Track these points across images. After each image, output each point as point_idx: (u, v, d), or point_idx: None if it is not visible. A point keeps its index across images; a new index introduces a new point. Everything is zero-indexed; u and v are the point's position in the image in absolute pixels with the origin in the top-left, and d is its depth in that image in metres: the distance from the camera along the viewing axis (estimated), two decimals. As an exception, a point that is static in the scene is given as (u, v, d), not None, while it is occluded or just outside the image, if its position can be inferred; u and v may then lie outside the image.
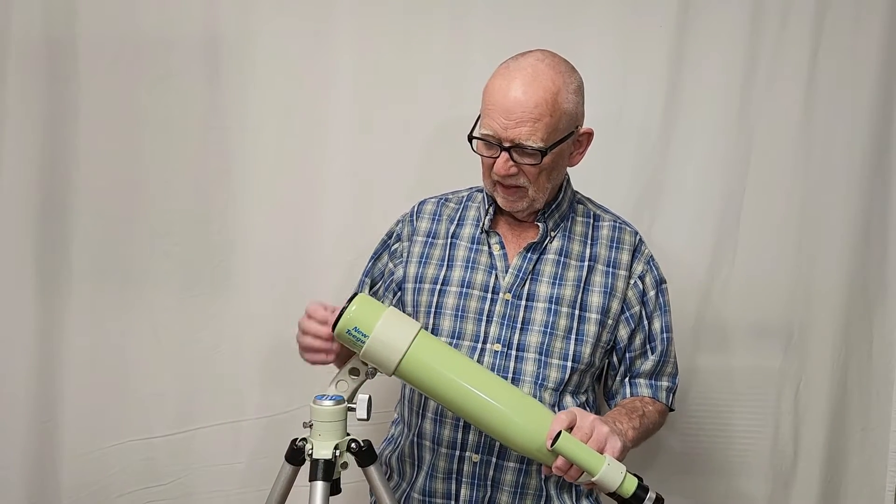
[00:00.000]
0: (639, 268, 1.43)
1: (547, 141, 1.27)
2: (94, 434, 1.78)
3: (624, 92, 1.77)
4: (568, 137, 1.32)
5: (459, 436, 1.37)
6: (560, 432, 1.13)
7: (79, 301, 1.74)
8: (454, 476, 1.38)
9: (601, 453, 1.14)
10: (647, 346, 1.43)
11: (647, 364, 1.43)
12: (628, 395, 1.43)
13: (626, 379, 1.44)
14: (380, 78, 1.75)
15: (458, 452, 1.38)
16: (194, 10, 1.72)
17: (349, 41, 1.75)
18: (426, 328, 1.32)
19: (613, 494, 1.14)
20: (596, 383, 1.47)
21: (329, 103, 1.76)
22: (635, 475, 1.14)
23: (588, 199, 1.50)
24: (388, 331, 1.18)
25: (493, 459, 1.37)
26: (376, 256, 1.52)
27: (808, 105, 1.75)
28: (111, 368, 1.77)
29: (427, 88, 1.75)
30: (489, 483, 1.37)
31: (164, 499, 1.81)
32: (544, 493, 1.40)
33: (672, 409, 1.47)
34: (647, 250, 1.46)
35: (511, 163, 1.29)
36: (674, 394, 1.47)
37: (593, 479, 1.12)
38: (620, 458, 1.16)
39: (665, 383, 1.45)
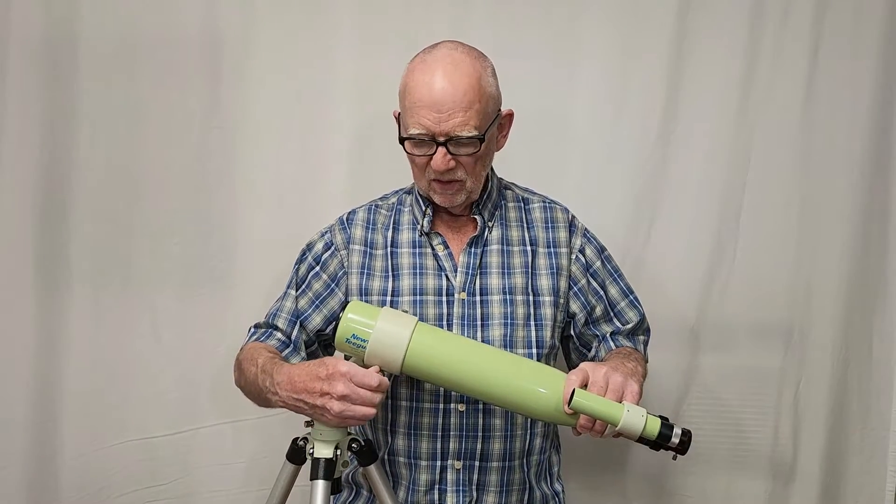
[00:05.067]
0: (577, 242, 1.44)
1: (481, 127, 1.27)
2: (94, 434, 1.77)
3: (624, 92, 1.76)
4: (495, 121, 1.32)
5: (439, 446, 1.36)
6: (574, 391, 1.13)
7: (79, 301, 1.74)
8: (437, 486, 1.37)
9: (621, 401, 1.13)
10: (612, 313, 1.45)
11: (628, 326, 1.45)
12: (612, 347, 1.43)
13: (606, 336, 1.44)
14: (380, 77, 1.74)
15: (439, 463, 1.36)
16: (194, 10, 1.72)
17: (349, 41, 1.75)
18: None
19: (641, 440, 1.13)
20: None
21: (329, 103, 1.76)
22: (658, 416, 1.14)
23: (513, 183, 1.50)
24: (386, 331, 1.18)
25: (477, 463, 1.37)
26: (297, 265, 1.45)
27: (808, 105, 1.75)
28: (111, 368, 1.76)
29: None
30: (475, 487, 1.37)
31: (164, 499, 1.81)
32: (527, 485, 1.40)
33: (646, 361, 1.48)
34: (580, 224, 1.47)
35: (449, 156, 1.27)
36: (647, 346, 1.50)
37: (617, 429, 1.12)
38: (639, 402, 1.15)
39: (642, 337, 1.48)
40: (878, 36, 1.73)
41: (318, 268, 1.43)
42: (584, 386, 1.15)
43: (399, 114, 1.34)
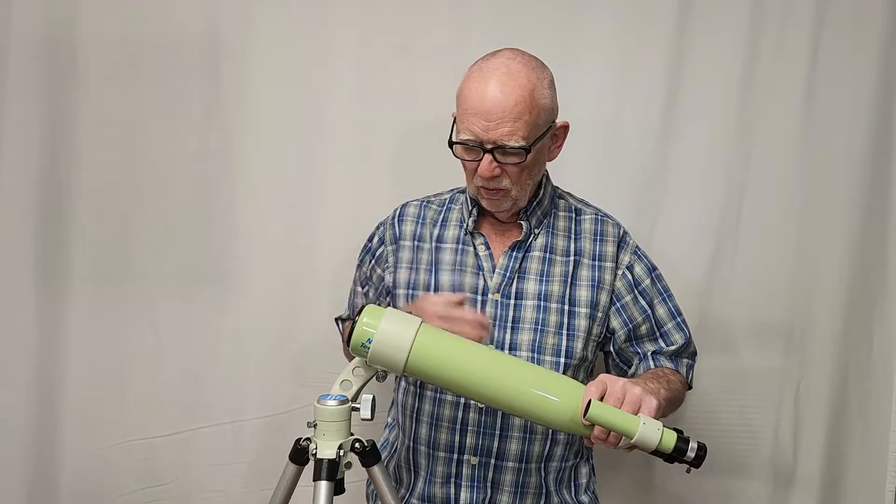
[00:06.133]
0: (626, 258, 1.44)
1: (528, 139, 1.28)
2: (94, 434, 1.77)
3: (624, 92, 1.76)
4: (547, 133, 1.33)
5: (457, 439, 1.38)
6: (590, 402, 1.12)
7: (79, 301, 1.74)
8: (453, 480, 1.39)
9: (637, 414, 1.13)
10: (658, 333, 1.44)
11: (672, 347, 1.44)
12: (651, 366, 1.42)
13: (647, 355, 1.43)
14: (380, 78, 1.75)
15: (455, 456, 1.38)
16: (194, 10, 1.72)
17: (349, 41, 1.75)
18: None
19: (656, 453, 1.13)
20: (589, 377, 1.46)
21: (329, 103, 1.76)
22: (674, 429, 1.13)
23: (568, 193, 1.50)
24: (389, 332, 1.17)
25: (492, 461, 1.37)
26: (360, 262, 1.53)
27: (808, 105, 1.75)
28: (111, 368, 1.77)
29: (428, 88, 1.75)
30: (489, 484, 1.38)
31: (164, 499, 1.81)
32: (544, 490, 1.40)
33: (690, 387, 1.47)
34: (632, 241, 1.47)
35: (495, 164, 1.29)
36: (693, 370, 1.49)
37: (632, 442, 1.12)
38: (656, 417, 1.15)
39: (686, 360, 1.47)
40: (878, 36, 1.73)
41: (374, 262, 1.49)
42: (602, 398, 1.15)
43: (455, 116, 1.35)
